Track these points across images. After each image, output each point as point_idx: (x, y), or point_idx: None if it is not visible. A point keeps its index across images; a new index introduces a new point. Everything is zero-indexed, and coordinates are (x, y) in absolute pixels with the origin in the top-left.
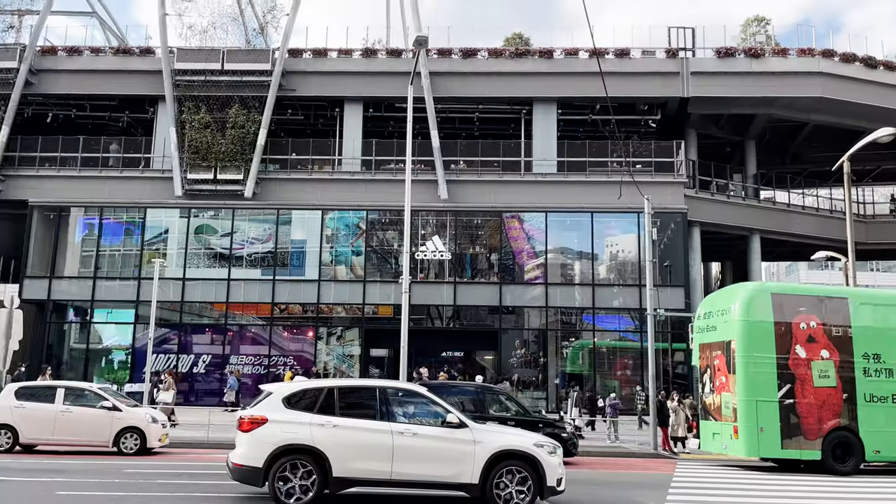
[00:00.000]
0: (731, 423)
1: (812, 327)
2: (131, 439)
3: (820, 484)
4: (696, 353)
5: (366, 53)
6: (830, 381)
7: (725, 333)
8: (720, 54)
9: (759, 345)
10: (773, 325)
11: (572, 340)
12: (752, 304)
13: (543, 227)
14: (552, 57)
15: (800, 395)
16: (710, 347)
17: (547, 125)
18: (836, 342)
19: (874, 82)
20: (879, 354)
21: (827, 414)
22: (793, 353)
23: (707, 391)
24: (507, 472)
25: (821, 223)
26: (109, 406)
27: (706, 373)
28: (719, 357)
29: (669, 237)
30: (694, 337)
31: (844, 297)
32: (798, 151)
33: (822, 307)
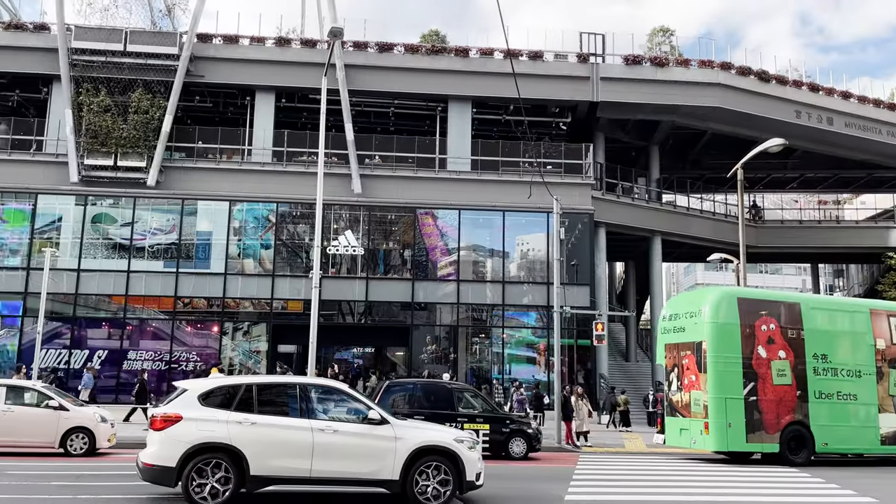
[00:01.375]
0: (702, 420)
1: (771, 329)
2: (79, 440)
3: (720, 474)
4: (660, 352)
5: (279, 42)
6: (787, 379)
7: (696, 335)
8: (628, 61)
9: (727, 346)
10: (740, 327)
11: (482, 336)
12: (721, 307)
13: (457, 224)
14: (468, 56)
15: (762, 393)
16: (678, 348)
17: (462, 123)
18: (791, 343)
19: (767, 95)
20: (826, 355)
21: (784, 410)
22: (755, 353)
23: (674, 389)
24: (428, 468)
25: (717, 227)
26: (56, 405)
27: (673, 371)
28: (689, 357)
29: (577, 237)
30: (659, 337)
31: (797, 302)
32: (698, 158)
33: (779, 311)
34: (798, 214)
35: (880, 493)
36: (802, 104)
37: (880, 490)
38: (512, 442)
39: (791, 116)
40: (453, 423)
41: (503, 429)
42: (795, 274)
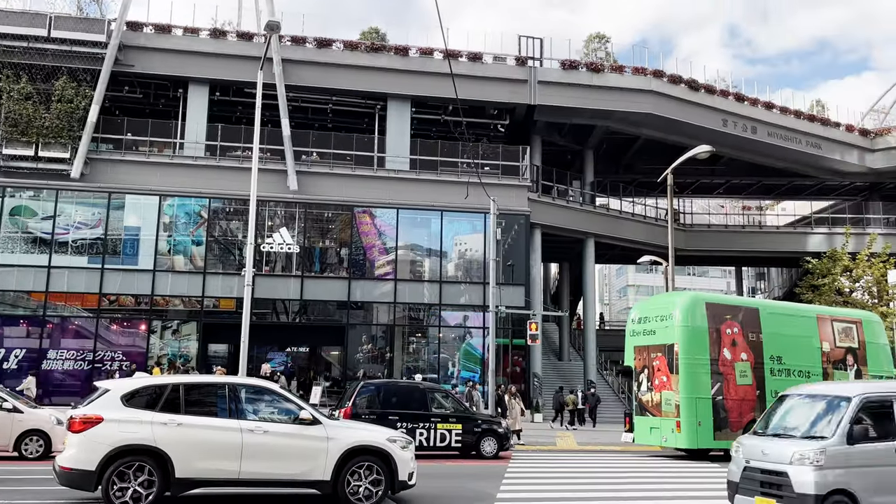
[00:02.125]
0: (674, 419)
1: (735, 333)
2: (34, 443)
3: (647, 470)
4: (629, 354)
5: (214, 34)
6: (748, 379)
7: (667, 337)
8: (565, 66)
9: (697, 348)
10: (708, 330)
11: (419, 336)
12: (691, 311)
13: (395, 223)
14: (408, 55)
15: (727, 393)
16: (649, 350)
17: (401, 122)
18: (752, 346)
19: (696, 103)
20: (781, 357)
21: (746, 408)
22: (721, 355)
23: (644, 389)
24: (360, 468)
25: (647, 230)
26: (9, 407)
27: (643, 372)
28: (660, 358)
29: (513, 238)
30: (628, 340)
31: (757, 308)
32: (630, 163)
33: (741, 315)
34: (724, 219)
35: None
36: (729, 113)
37: None
38: (483, 441)
39: (718, 124)
40: (427, 422)
41: (475, 428)
42: (721, 276)
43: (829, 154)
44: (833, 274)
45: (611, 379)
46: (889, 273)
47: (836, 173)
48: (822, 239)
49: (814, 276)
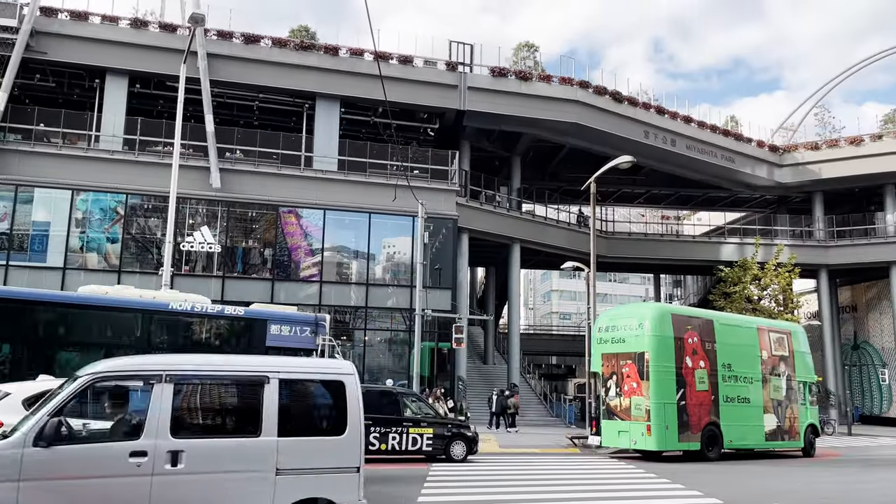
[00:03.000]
0: (644, 423)
1: (694, 342)
2: None
3: (570, 473)
4: (597, 361)
5: (135, 24)
6: (705, 385)
7: (637, 346)
8: (494, 73)
9: (665, 356)
10: (674, 339)
11: (345, 339)
12: (660, 322)
13: (321, 224)
14: (338, 55)
15: (689, 398)
16: (618, 357)
17: (329, 122)
18: (708, 354)
19: (619, 115)
20: (731, 364)
21: (703, 413)
22: (684, 363)
23: (612, 395)
24: None
25: (571, 236)
26: None
27: (611, 379)
28: (629, 366)
29: (441, 241)
30: (595, 347)
31: (711, 319)
32: (556, 170)
33: (699, 326)
34: (644, 228)
35: (728, 491)
36: (651, 125)
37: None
38: (453, 445)
39: (640, 136)
40: (399, 426)
41: (445, 433)
42: (640, 283)
43: (742, 168)
44: (744, 282)
45: (534, 382)
46: (794, 282)
47: (747, 186)
48: (734, 248)
49: (726, 284)
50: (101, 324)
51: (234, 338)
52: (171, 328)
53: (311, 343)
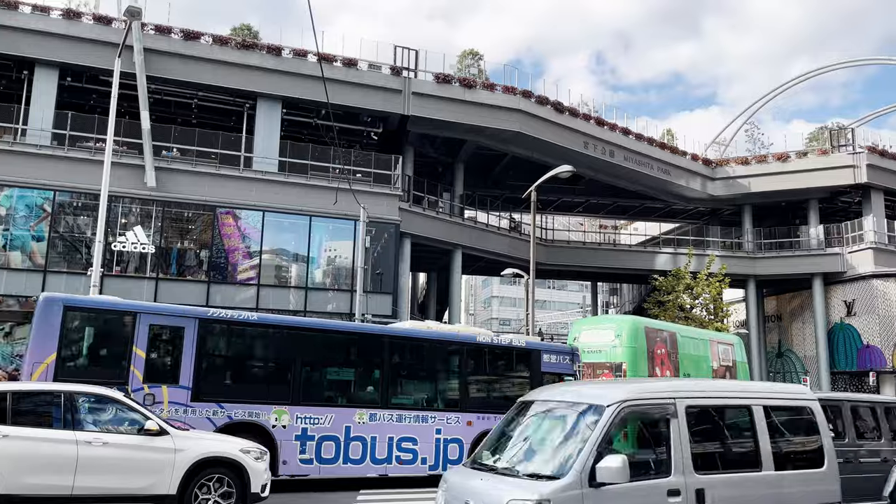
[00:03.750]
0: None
1: (662, 353)
2: None
3: None
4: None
5: (68, 15)
6: None
7: (614, 356)
8: (439, 80)
9: (639, 366)
10: (646, 351)
11: None
12: (635, 334)
13: (260, 226)
14: (280, 55)
15: None
16: (594, 366)
17: (270, 123)
18: (672, 365)
19: (561, 125)
20: (689, 374)
21: None
22: (654, 373)
23: None
24: (210, 480)
25: (512, 243)
26: None
27: None
28: (606, 375)
29: (383, 246)
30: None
31: (675, 332)
32: (499, 178)
33: (665, 338)
34: (583, 236)
35: None
36: (590, 136)
37: None
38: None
39: (580, 146)
40: None
41: None
42: (578, 290)
43: (677, 180)
44: (677, 291)
45: None
46: (724, 292)
47: (682, 198)
48: (668, 258)
49: (660, 293)
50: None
51: (521, 365)
52: (477, 358)
53: (570, 369)
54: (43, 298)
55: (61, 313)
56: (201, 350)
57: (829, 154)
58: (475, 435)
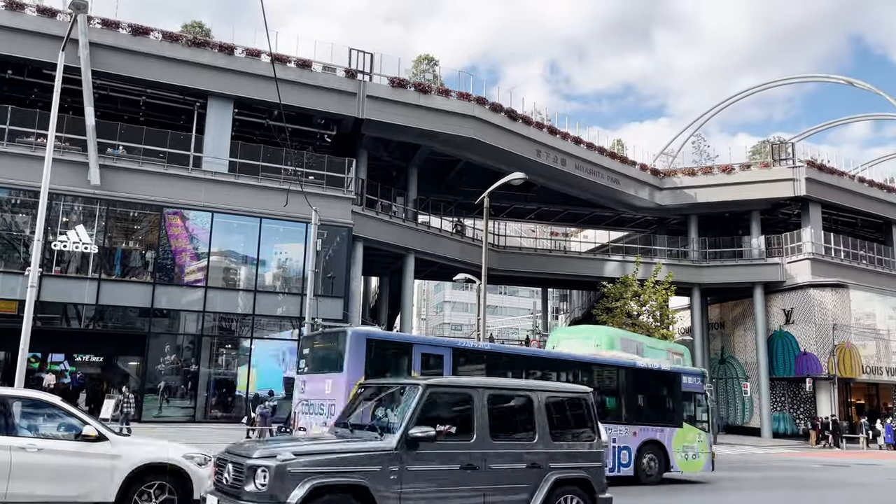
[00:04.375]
0: None
1: None
2: None
3: None
4: None
5: (10, 6)
6: None
7: None
8: (394, 84)
9: None
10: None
11: (229, 347)
12: (612, 343)
13: (209, 227)
14: (233, 54)
15: None
16: None
17: (221, 122)
18: None
19: (514, 132)
20: None
21: None
22: None
23: None
24: (151, 487)
25: (464, 249)
26: None
27: None
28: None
29: (335, 249)
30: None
31: (642, 342)
32: (452, 183)
33: (635, 349)
34: (534, 243)
35: None
36: (543, 144)
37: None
38: None
39: (533, 154)
40: None
41: None
42: (529, 296)
43: (626, 189)
44: (624, 298)
45: None
46: (670, 299)
47: (630, 207)
48: (616, 266)
49: (608, 300)
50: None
51: (668, 385)
52: (637, 380)
53: (701, 388)
54: (352, 332)
55: (366, 344)
56: (454, 371)
57: (771, 167)
58: (639, 443)
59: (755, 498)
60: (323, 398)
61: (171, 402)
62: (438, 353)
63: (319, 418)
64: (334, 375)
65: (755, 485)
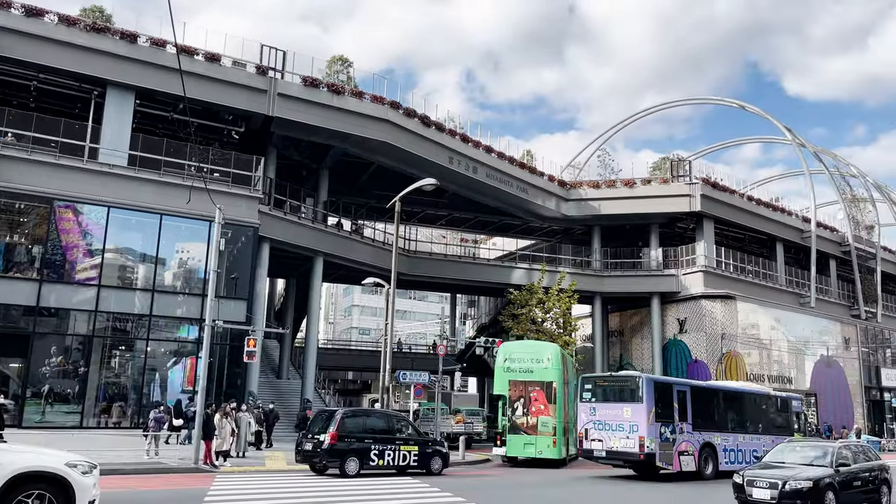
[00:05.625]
0: (551, 437)
1: (569, 374)
2: None
3: (350, 489)
4: (503, 385)
5: None
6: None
7: (545, 376)
8: (306, 83)
9: (563, 385)
10: (563, 372)
11: (124, 349)
12: (559, 358)
13: (104, 223)
14: (136, 42)
15: (569, 417)
16: (526, 385)
17: (121, 113)
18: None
19: (427, 138)
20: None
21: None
22: (567, 390)
23: (520, 414)
24: (29, 497)
25: (375, 253)
26: None
27: (518, 401)
28: (537, 392)
29: (240, 250)
30: (503, 374)
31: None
32: (364, 186)
33: (568, 362)
34: (444, 249)
35: (489, 499)
36: (455, 151)
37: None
38: (432, 460)
39: (445, 161)
40: (393, 444)
41: (427, 450)
42: (438, 301)
43: (534, 199)
44: (530, 305)
45: (328, 398)
46: (573, 307)
47: (538, 216)
48: (523, 273)
49: (515, 306)
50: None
51: (786, 406)
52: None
53: (801, 408)
54: (646, 377)
55: (653, 384)
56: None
57: (670, 183)
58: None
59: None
60: (622, 420)
61: (55, 406)
62: (682, 390)
63: (620, 433)
64: (633, 405)
65: None
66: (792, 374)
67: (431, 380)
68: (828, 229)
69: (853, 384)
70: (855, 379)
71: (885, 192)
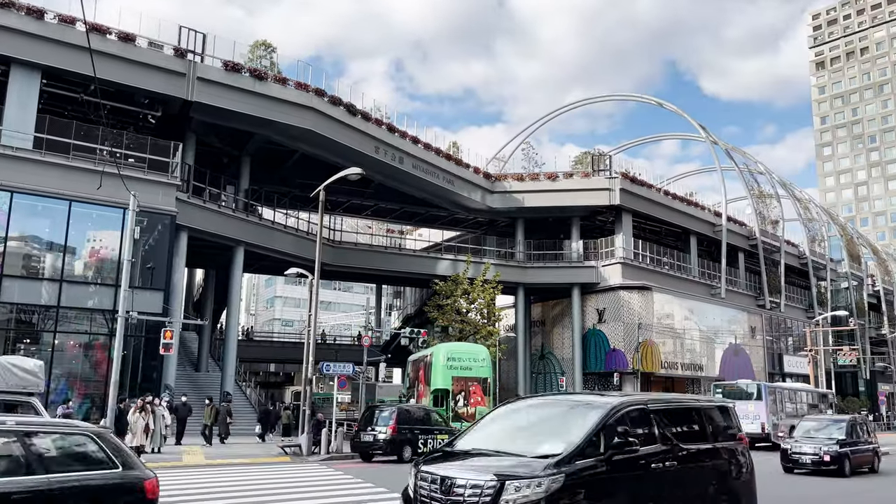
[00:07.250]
0: None
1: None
2: None
3: (274, 479)
4: (447, 381)
5: None
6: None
7: (481, 373)
8: (227, 67)
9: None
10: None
11: (28, 343)
12: (490, 358)
13: (7, 209)
14: (43, 18)
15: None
16: (466, 380)
17: (27, 93)
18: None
19: (353, 127)
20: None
21: None
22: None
23: (461, 405)
24: None
25: (298, 243)
26: None
27: (460, 394)
28: (476, 386)
29: (156, 238)
30: (445, 371)
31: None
32: (287, 175)
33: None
34: (370, 239)
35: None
36: (381, 141)
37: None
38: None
39: (371, 150)
40: (431, 434)
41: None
42: (363, 292)
43: (460, 191)
44: (455, 296)
45: (248, 391)
46: (497, 298)
47: (463, 208)
48: (448, 264)
49: (440, 297)
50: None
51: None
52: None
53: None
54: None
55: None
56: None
57: (591, 177)
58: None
59: None
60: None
61: None
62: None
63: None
64: (755, 402)
65: None
66: (703, 362)
67: (356, 371)
68: (737, 223)
69: (758, 370)
70: (760, 366)
71: (790, 189)
